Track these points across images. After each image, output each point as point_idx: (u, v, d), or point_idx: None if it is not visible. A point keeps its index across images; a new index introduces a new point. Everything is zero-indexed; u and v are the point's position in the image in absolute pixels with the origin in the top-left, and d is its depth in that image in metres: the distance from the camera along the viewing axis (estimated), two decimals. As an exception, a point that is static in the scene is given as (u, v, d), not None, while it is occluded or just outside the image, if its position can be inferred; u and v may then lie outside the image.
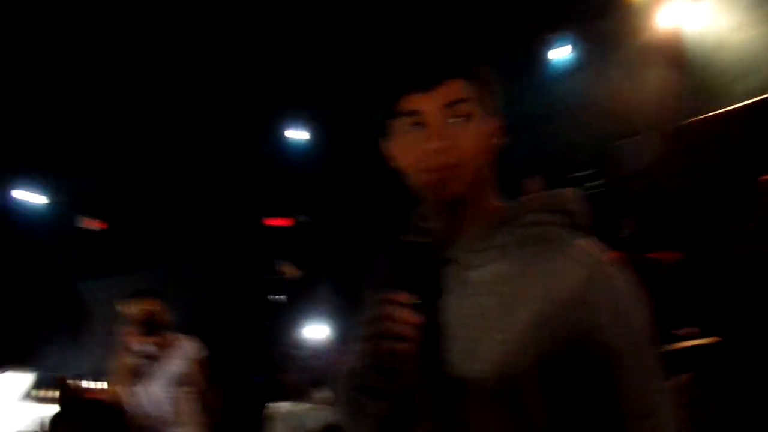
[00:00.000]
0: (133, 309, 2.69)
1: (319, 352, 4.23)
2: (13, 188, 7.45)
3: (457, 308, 0.83)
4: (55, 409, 4.07)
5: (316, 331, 4.32)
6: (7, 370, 4.88)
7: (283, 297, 6.64)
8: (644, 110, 5.52)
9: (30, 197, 7.61)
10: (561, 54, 7.28)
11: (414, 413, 0.84)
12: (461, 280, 0.85)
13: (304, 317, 4.53)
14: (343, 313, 5.67)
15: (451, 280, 0.85)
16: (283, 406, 3.15)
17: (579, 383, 0.78)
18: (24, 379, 4.59)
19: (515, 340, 0.78)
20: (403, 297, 0.75)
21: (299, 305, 5.10)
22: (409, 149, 0.85)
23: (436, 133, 0.83)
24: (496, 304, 0.81)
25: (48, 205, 7.59)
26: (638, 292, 0.82)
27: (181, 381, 2.72)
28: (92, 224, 7.67)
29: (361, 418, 0.85)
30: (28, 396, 4.42)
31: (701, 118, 4.51)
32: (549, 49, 7.32)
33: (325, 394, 3.62)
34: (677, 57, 5.30)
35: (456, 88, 0.84)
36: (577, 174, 6.17)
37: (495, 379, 0.78)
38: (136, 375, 2.64)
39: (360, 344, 0.80)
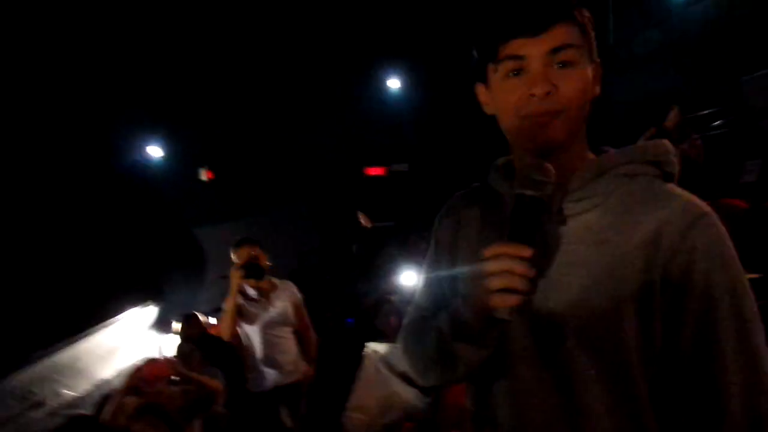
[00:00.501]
0: (238, 255, 2.90)
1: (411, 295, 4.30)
2: (139, 145, 8.23)
3: (554, 256, 0.84)
4: (178, 340, 4.56)
5: (410, 278, 4.39)
6: (139, 305, 5.54)
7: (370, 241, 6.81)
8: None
9: (152, 151, 8.36)
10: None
11: (506, 357, 0.87)
12: (559, 228, 0.85)
13: (399, 264, 4.61)
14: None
15: (550, 227, 0.85)
16: (380, 347, 3.25)
17: (676, 328, 0.79)
18: (151, 313, 5.14)
19: (616, 287, 0.79)
20: (521, 250, 0.75)
21: (392, 252, 5.18)
22: (510, 95, 0.83)
23: (540, 78, 0.81)
24: (595, 252, 0.82)
25: (166, 158, 8.29)
26: (730, 241, 0.81)
27: (283, 321, 2.90)
28: (205, 175, 8.26)
29: (456, 365, 0.88)
30: (154, 328, 4.96)
31: None
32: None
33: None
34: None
35: (561, 33, 0.81)
36: (699, 113, 5.64)
37: (598, 325, 0.80)
38: (242, 315, 2.85)
39: (466, 294, 0.82)
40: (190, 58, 7.40)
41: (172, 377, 2.71)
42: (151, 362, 2.79)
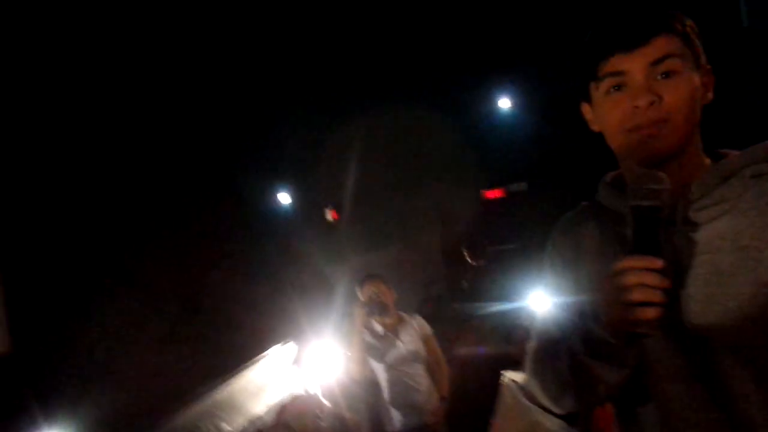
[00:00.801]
0: (363, 292, 2.96)
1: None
2: (274, 192, 8.96)
3: (689, 267, 0.83)
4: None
5: (540, 301, 4.22)
6: (280, 343, 5.90)
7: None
8: None
9: (282, 198, 9.04)
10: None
11: (650, 376, 0.86)
12: (689, 239, 0.84)
13: (526, 288, 4.47)
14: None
15: (680, 239, 0.85)
16: (518, 375, 3.15)
17: None
18: (291, 350, 5.45)
19: (761, 293, 0.77)
20: (652, 262, 0.75)
21: (516, 279, 5.05)
22: (614, 110, 0.85)
23: (643, 90, 0.82)
24: (732, 260, 0.80)
25: (294, 203, 8.90)
26: None
27: (413, 357, 2.87)
28: (330, 215, 8.73)
29: (595, 387, 0.88)
30: (294, 364, 5.24)
31: None
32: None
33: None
34: None
35: (660, 45, 0.83)
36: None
37: (746, 334, 0.78)
38: (370, 353, 2.88)
39: (598, 311, 0.82)
40: (303, 111, 7.95)
41: (317, 413, 2.84)
42: (297, 398, 2.94)
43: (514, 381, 2.97)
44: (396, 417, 2.85)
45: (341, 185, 8.66)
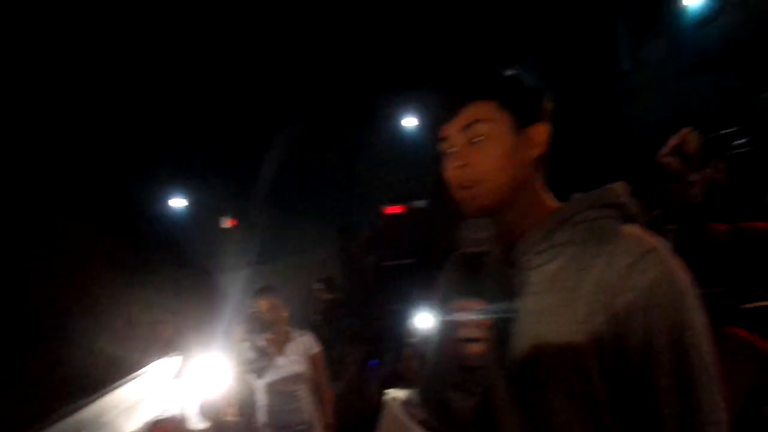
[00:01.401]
0: (254, 305, 2.81)
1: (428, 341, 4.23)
2: (165, 196, 8.47)
3: (523, 307, 0.90)
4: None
5: (425, 320, 4.32)
6: (162, 356, 5.55)
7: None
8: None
9: (176, 203, 8.59)
10: (693, 1, 6.60)
11: (494, 407, 0.93)
12: (523, 281, 0.91)
13: (417, 306, 4.55)
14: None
15: (514, 281, 0.92)
16: (400, 393, 3.17)
17: (623, 375, 0.81)
18: (174, 364, 5.13)
19: (576, 332, 0.83)
20: (473, 303, 0.84)
21: (413, 294, 5.16)
22: (445, 170, 0.95)
23: (455, 155, 0.92)
24: (556, 300, 0.86)
25: (190, 207, 8.48)
26: (684, 276, 0.82)
27: (295, 377, 2.74)
28: (227, 222, 8.40)
29: (453, 414, 0.95)
30: (177, 377, 4.93)
31: None
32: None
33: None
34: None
35: (470, 112, 0.91)
36: (722, 131, 5.56)
37: (562, 369, 0.83)
38: (249, 369, 2.73)
39: (440, 347, 0.91)
40: (205, 110, 7.64)
41: None
42: (158, 424, 2.74)
43: (395, 399, 2.98)
44: None
45: (241, 193, 8.39)
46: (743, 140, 5.53)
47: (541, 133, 0.93)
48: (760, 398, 1.37)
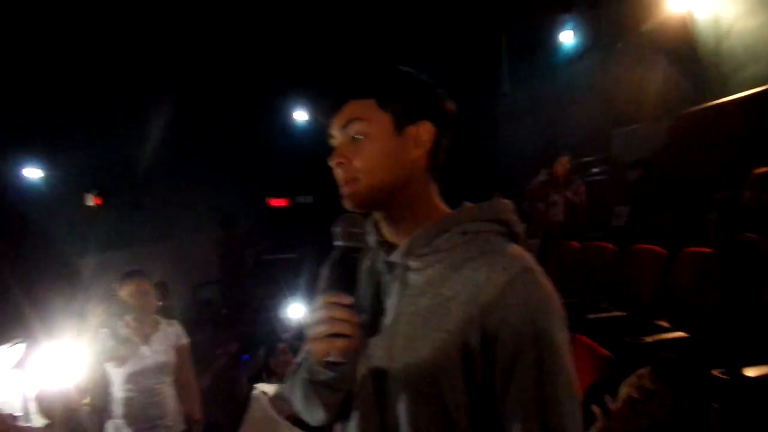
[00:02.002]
0: (122, 289, 2.58)
1: (301, 334, 4.26)
2: (18, 165, 7.54)
3: (397, 307, 0.89)
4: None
5: (296, 311, 4.32)
6: (7, 344, 4.95)
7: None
8: (648, 98, 5.42)
9: (31, 173, 7.68)
10: (568, 39, 7.28)
11: (356, 403, 0.93)
12: (402, 282, 0.90)
13: (288, 295, 4.53)
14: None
15: (393, 281, 0.91)
16: (269, 387, 3.14)
17: (489, 384, 0.83)
18: (18, 350, 4.62)
19: (443, 338, 0.83)
20: (341, 298, 0.83)
21: (291, 289, 5.12)
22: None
23: (337, 151, 0.92)
24: (430, 305, 0.86)
25: (47, 180, 7.64)
26: (555, 298, 0.84)
27: (159, 369, 2.56)
28: (92, 200, 7.69)
29: (317, 408, 0.94)
30: (17, 367, 4.45)
31: (704, 107, 4.41)
32: (557, 33, 7.31)
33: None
34: (685, 43, 5.17)
35: (349, 111, 0.91)
36: (584, 159, 6.19)
37: (424, 374, 0.84)
38: (108, 357, 2.51)
39: (307, 341, 0.87)
40: (85, 69, 6.94)
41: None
42: None
43: (264, 393, 2.95)
44: (130, 429, 2.50)
45: (110, 168, 7.71)
46: (598, 169, 6.25)
47: (422, 132, 0.91)
48: (593, 396, 1.56)
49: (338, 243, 0.88)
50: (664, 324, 2.88)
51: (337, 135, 0.92)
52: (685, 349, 2.50)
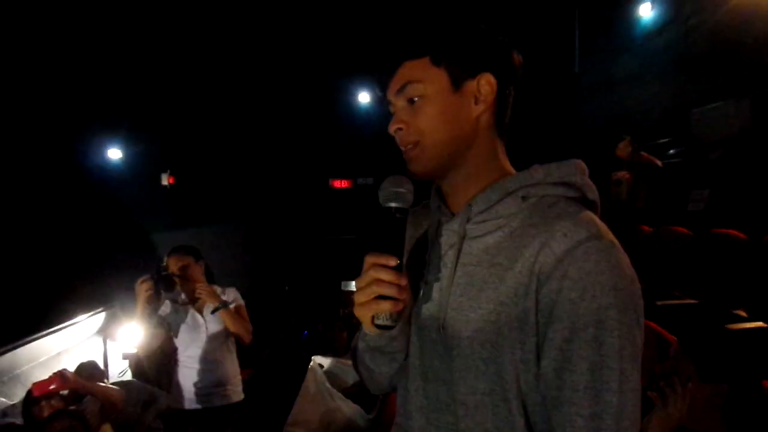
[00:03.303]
0: (168, 264, 2.69)
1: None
2: (102, 147, 8.06)
3: (451, 276, 0.85)
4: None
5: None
6: (90, 312, 5.35)
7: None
8: (731, 74, 5.02)
9: (112, 154, 8.19)
10: (646, 12, 6.87)
11: (409, 373, 0.91)
12: (459, 250, 0.86)
13: (348, 273, 4.60)
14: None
15: (450, 249, 0.87)
16: (325, 361, 3.22)
17: (543, 359, 0.78)
18: (100, 321, 4.98)
19: (498, 311, 0.79)
20: (387, 259, 0.79)
21: (352, 269, 5.18)
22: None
23: (395, 116, 0.88)
24: (485, 275, 0.82)
25: (126, 161, 8.12)
26: (623, 272, 0.75)
27: (215, 336, 2.63)
28: (166, 179, 8.12)
29: (376, 375, 0.94)
30: (101, 335, 4.80)
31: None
32: (635, 7, 6.92)
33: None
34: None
35: (402, 74, 0.87)
36: (657, 141, 5.84)
37: (475, 346, 0.80)
38: (168, 327, 2.62)
39: (355, 306, 0.84)
40: (160, 60, 7.30)
41: (61, 392, 2.63)
42: (42, 381, 2.68)
43: (321, 365, 3.02)
44: (187, 397, 2.63)
45: (183, 152, 8.10)
46: (674, 150, 5.87)
47: (483, 85, 0.85)
48: (654, 382, 1.48)
49: (384, 204, 0.85)
50: (741, 313, 2.68)
51: (394, 101, 0.88)
52: (761, 338, 2.31)
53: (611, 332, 0.73)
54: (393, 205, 0.84)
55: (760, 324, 2.51)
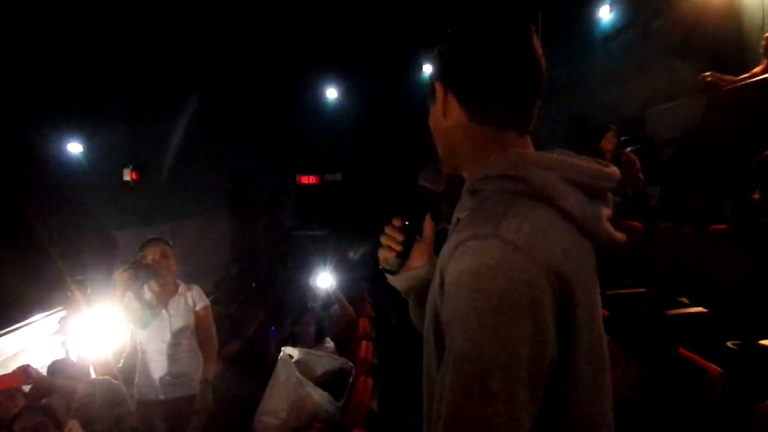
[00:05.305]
0: (143, 255, 2.67)
1: (327, 303, 4.37)
2: (62, 140, 7.83)
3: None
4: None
5: (324, 281, 4.44)
6: (49, 311, 5.23)
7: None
8: (685, 76, 5.27)
9: (72, 148, 7.97)
10: (605, 15, 7.11)
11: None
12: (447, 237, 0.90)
13: (316, 268, 4.65)
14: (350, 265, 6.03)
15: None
16: (294, 352, 3.26)
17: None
18: (60, 318, 4.88)
19: (429, 307, 0.86)
20: (397, 221, 1.03)
21: (315, 257, 5.24)
22: None
23: None
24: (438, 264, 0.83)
25: (87, 155, 7.92)
26: (488, 273, 0.70)
27: (179, 329, 2.67)
28: (129, 175, 7.95)
29: (414, 317, 1.10)
30: (58, 333, 4.71)
31: (741, 85, 4.26)
32: (596, 9, 7.15)
33: (329, 342, 3.74)
34: (729, 19, 4.98)
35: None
36: (621, 138, 6.03)
37: (425, 335, 0.87)
38: (133, 319, 2.61)
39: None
40: (124, 51, 7.13)
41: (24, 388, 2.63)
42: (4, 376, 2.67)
43: (290, 356, 3.07)
44: (150, 388, 2.63)
45: (146, 147, 7.95)
46: (631, 149, 6.11)
47: (438, 94, 0.89)
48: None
49: (417, 182, 1.10)
50: (684, 300, 2.86)
51: None
52: (702, 323, 2.48)
53: (461, 334, 0.70)
54: (418, 182, 1.10)
55: (699, 309, 2.69)
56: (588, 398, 0.77)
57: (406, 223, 1.03)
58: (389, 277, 1.06)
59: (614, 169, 0.84)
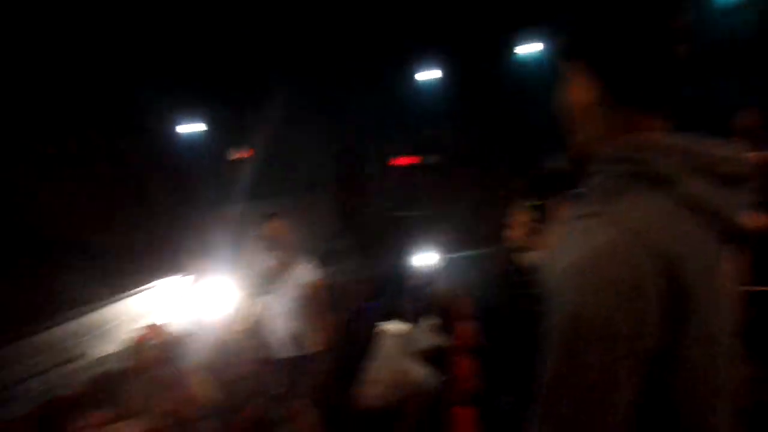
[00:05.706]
0: (265, 228, 2.86)
1: (428, 280, 4.38)
2: (179, 121, 8.48)
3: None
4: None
5: (426, 259, 4.44)
6: (173, 275, 5.71)
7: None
8: None
9: (192, 127, 8.59)
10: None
11: None
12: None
13: (419, 247, 4.66)
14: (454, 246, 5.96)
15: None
16: (393, 327, 3.30)
17: None
18: (183, 282, 5.29)
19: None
20: (528, 201, 1.14)
21: (417, 237, 5.25)
22: None
23: None
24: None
25: (205, 132, 8.50)
26: (584, 251, 0.71)
27: (296, 297, 2.82)
28: (243, 153, 8.45)
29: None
30: (184, 297, 5.11)
31: None
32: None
33: (431, 320, 3.74)
34: None
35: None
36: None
37: None
38: (259, 285, 2.82)
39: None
40: (234, 36, 7.53)
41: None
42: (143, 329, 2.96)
43: (390, 331, 3.12)
44: (271, 348, 2.83)
45: (256, 127, 8.38)
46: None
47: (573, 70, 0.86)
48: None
49: (549, 164, 1.18)
50: None
51: None
52: None
53: (566, 306, 0.72)
54: (550, 167, 1.17)
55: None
56: (694, 394, 0.73)
57: (537, 203, 1.08)
58: (518, 256, 1.11)
59: (748, 154, 0.78)
